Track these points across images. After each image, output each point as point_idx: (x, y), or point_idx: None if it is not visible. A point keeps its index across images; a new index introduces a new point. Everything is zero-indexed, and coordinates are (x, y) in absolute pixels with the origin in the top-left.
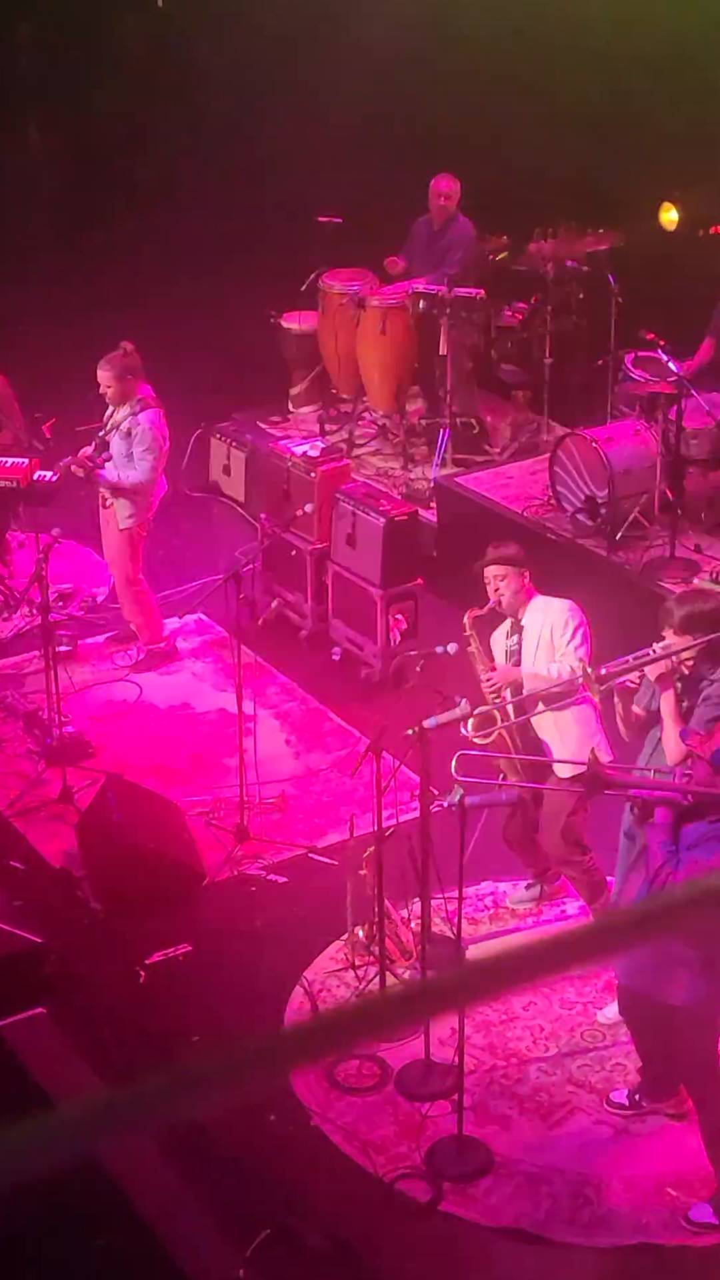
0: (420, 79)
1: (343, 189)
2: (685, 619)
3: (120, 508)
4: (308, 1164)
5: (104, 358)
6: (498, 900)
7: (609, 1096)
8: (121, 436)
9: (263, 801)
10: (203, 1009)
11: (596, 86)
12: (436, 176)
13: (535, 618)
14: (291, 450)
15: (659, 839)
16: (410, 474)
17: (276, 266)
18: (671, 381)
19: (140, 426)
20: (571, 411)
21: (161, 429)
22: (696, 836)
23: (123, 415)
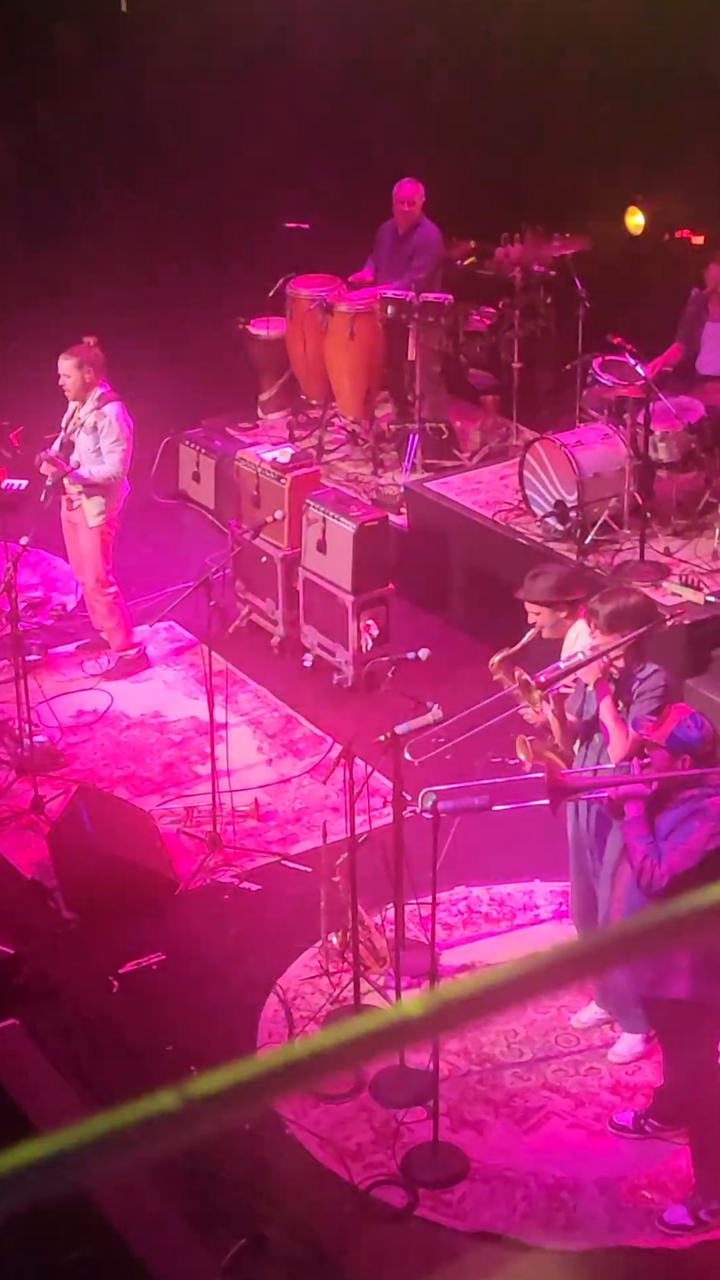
0: (386, 84)
1: (309, 195)
2: (610, 617)
3: (90, 506)
4: (283, 1172)
5: (66, 350)
6: (471, 905)
7: (613, 1119)
8: (87, 432)
9: (235, 809)
10: (176, 1018)
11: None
12: (400, 182)
13: (571, 636)
14: (261, 456)
15: (635, 833)
16: (380, 479)
17: (244, 273)
18: (639, 385)
19: (106, 419)
20: (540, 416)
21: (127, 420)
22: (670, 824)
23: (86, 411)
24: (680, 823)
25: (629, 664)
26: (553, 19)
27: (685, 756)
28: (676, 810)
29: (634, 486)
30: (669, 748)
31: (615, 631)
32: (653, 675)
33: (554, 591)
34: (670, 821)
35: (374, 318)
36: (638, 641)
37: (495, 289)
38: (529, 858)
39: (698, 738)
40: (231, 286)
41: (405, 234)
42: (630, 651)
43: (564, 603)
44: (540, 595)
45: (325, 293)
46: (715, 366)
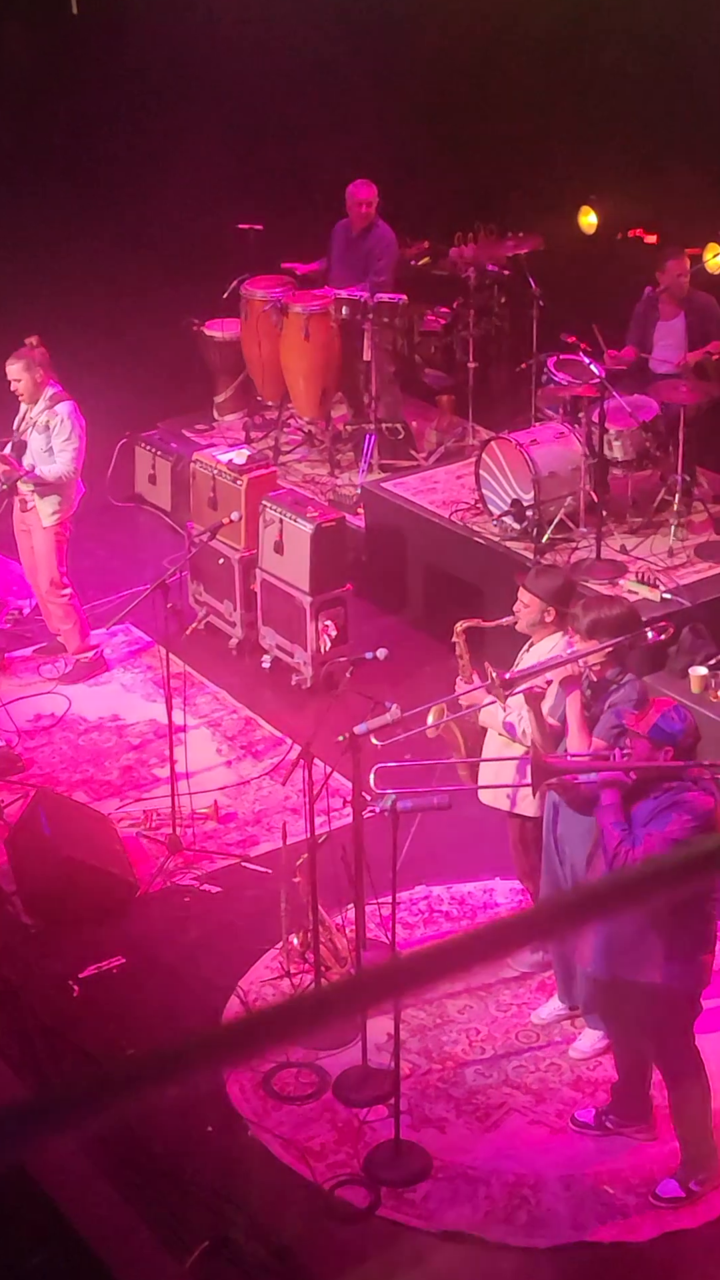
0: (338, 84)
1: (262, 195)
2: (591, 625)
3: (44, 506)
4: (246, 1174)
5: (11, 355)
6: (432, 904)
7: (574, 1116)
8: (39, 431)
9: (194, 811)
10: (137, 1021)
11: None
12: (354, 183)
13: (542, 650)
14: (217, 458)
15: (610, 820)
16: (337, 480)
17: (197, 274)
18: (594, 383)
19: (58, 418)
20: (496, 415)
21: (79, 419)
22: (648, 813)
23: (38, 410)
24: (658, 813)
25: (608, 671)
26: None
27: (667, 748)
28: (655, 801)
29: (590, 485)
30: (651, 738)
31: (594, 638)
32: (627, 687)
33: (554, 594)
34: (648, 811)
35: (329, 318)
36: (619, 651)
37: (449, 289)
38: (489, 856)
39: (680, 729)
40: (185, 288)
41: (360, 235)
42: (610, 659)
43: (556, 606)
44: (540, 590)
45: (280, 294)
46: (668, 365)
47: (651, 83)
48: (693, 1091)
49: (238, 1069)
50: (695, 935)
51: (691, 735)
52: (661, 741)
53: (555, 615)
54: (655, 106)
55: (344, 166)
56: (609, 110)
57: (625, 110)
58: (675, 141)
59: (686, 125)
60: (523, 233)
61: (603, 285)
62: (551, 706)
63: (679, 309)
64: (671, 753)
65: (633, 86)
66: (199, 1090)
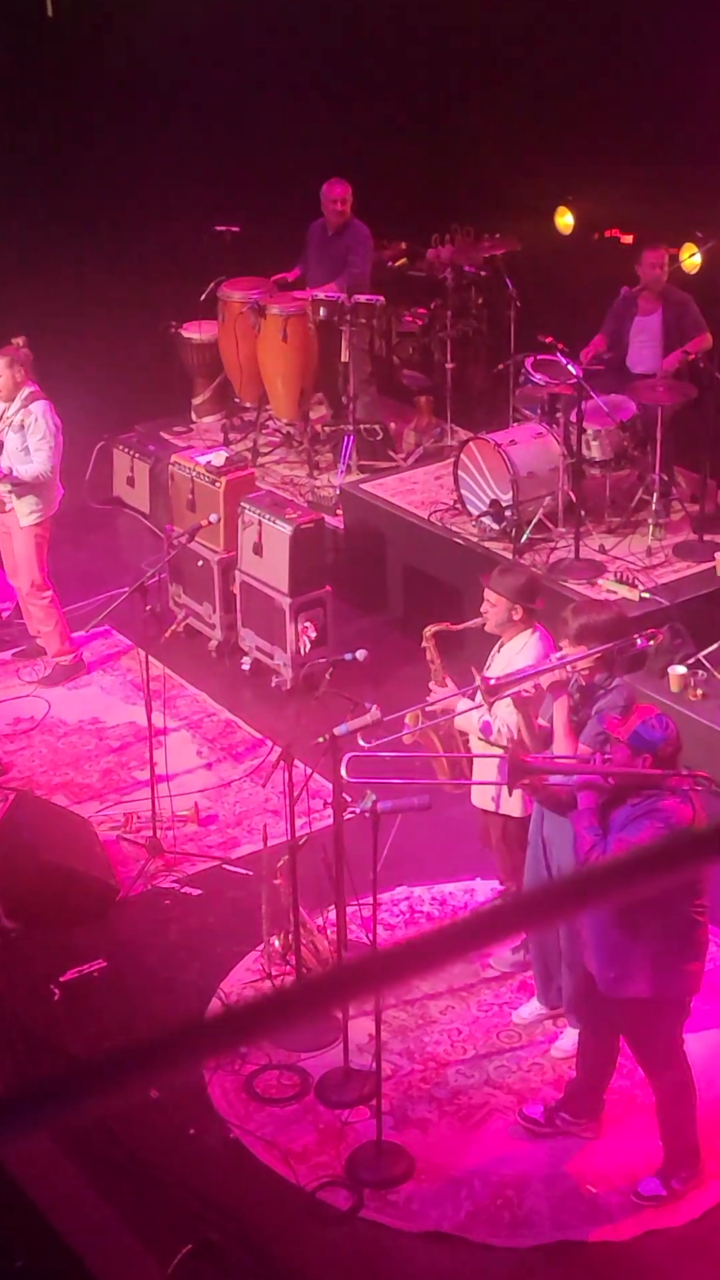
0: (314, 86)
1: (238, 197)
2: (580, 630)
3: (21, 506)
4: (229, 1177)
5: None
6: (413, 905)
7: (522, 1110)
8: (14, 431)
9: (175, 814)
10: (119, 1024)
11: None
12: (328, 182)
13: (511, 650)
14: (196, 460)
15: (585, 824)
16: (316, 481)
17: (174, 276)
18: (571, 384)
19: (32, 416)
20: (474, 415)
21: (54, 419)
22: (622, 819)
23: (13, 410)
24: (632, 820)
25: (596, 676)
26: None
27: (646, 755)
28: (630, 808)
29: (568, 485)
30: (631, 745)
31: (583, 644)
32: (614, 692)
33: (519, 591)
34: (622, 817)
35: (306, 320)
36: (608, 657)
37: (427, 290)
38: (469, 856)
39: (660, 738)
40: (162, 290)
41: (336, 233)
42: (599, 665)
43: (522, 604)
44: (504, 589)
45: (257, 295)
46: (645, 364)
47: (627, 83)
48: (677, 1091)
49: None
50: (682, 943)
51: (672, 744)
52: (640, 749)
53: (523, 613)
54: (631, 107)
55: (320, 168)
56: (585, 111)
57: (601, 110)
58: (651, 141)
59: (662, 125)
60: (499, 234)
61: (580, 285)
62: (542, 707)
63: (657, 304)
64: (650, 760)
65: (609, 86)
66: (181, 1093)
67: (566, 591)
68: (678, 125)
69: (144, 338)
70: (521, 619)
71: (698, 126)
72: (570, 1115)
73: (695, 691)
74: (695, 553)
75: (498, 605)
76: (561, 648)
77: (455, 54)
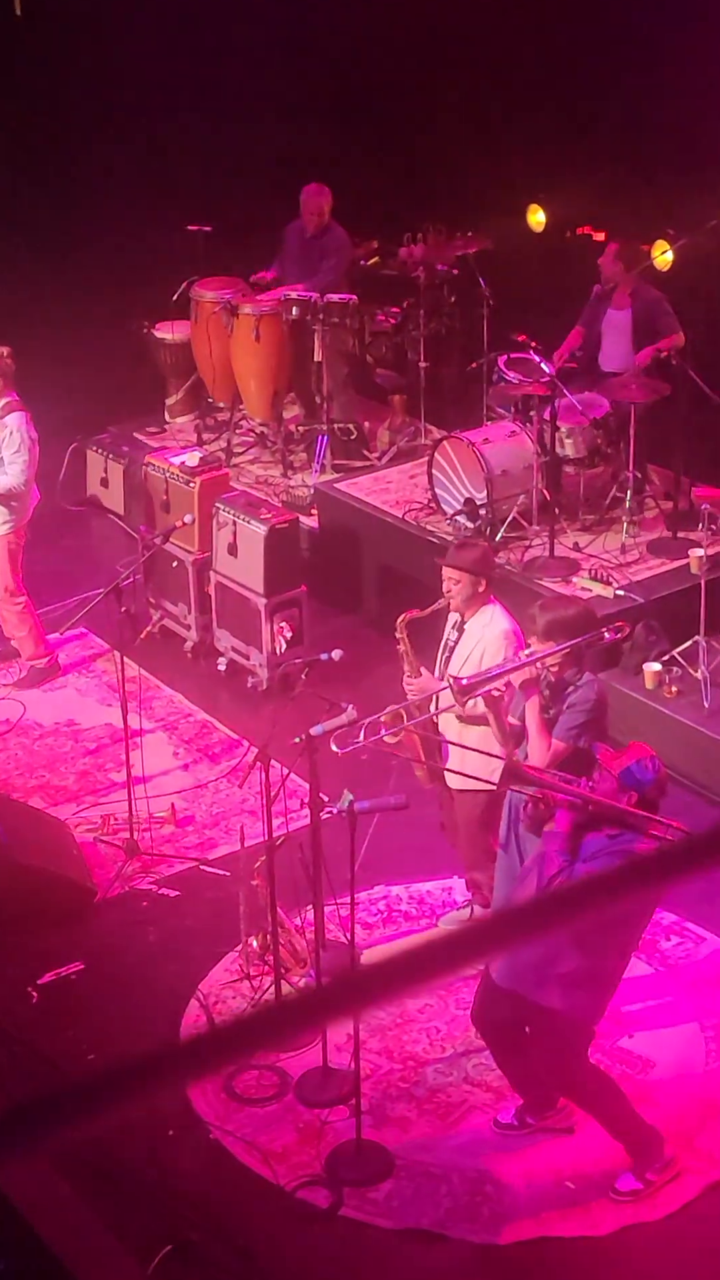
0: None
1: (211, 197)
2: (548, 626)
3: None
4: (208, 1177)
5: None
6: (391, 904)
7: (495, 1119)
8: None
9: (152, 815)
10: (97, 1027)
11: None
12: (308, 187)
13: (477, 626)
14: (169, 460)
15: (555, 846)
16: (290, 481)
17: (147, 277)
18: (545, 382)
19: (8, 429)
20: (448, 414)
21: (31, 430)
22: (594, 850)
23: None
24: (603, 853)
25: (565, 672)
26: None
27: (632, 793)
28: (604, 839)
29: (542, 483)
30: (620, 780)
31: (550, 639)
32: (585, 687)
33: (478, 563)
34: (594, 846)
35: (279, 319)
36: (577, 651)
37: (399, 289)
38: (447, 855)
39: (650, 779)
40: (134, 290)
41: (314, 236)
42: (568, 659)
43: (485, 575)
44: (465, 562)
45: (229, 295)
46: (615, 361)
47: (599, 80)
48: (603, 1103)
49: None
50: (606, 971)
51: (658, 789)
52: (629, 786)
53: (486, 584)
54: (602, 104)
55: (293, 167)
56: (557, 109)
57: (573, 108)
58: (622, 139)
59: (633, 122)
60: (472, 232)
61: (552, 283)
62: (513, 705)
63: (628, 301)
64: (635, 799)
65: (580, 84)
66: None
67: (541, 589)
68: (649, 123)
69: (116, 338)
70: (485, 591)
71: (669, 124)
72: (533, 1117)
73: (670, 689)
74: (669, 550)
75: (461, 581)
76: (530, 644)
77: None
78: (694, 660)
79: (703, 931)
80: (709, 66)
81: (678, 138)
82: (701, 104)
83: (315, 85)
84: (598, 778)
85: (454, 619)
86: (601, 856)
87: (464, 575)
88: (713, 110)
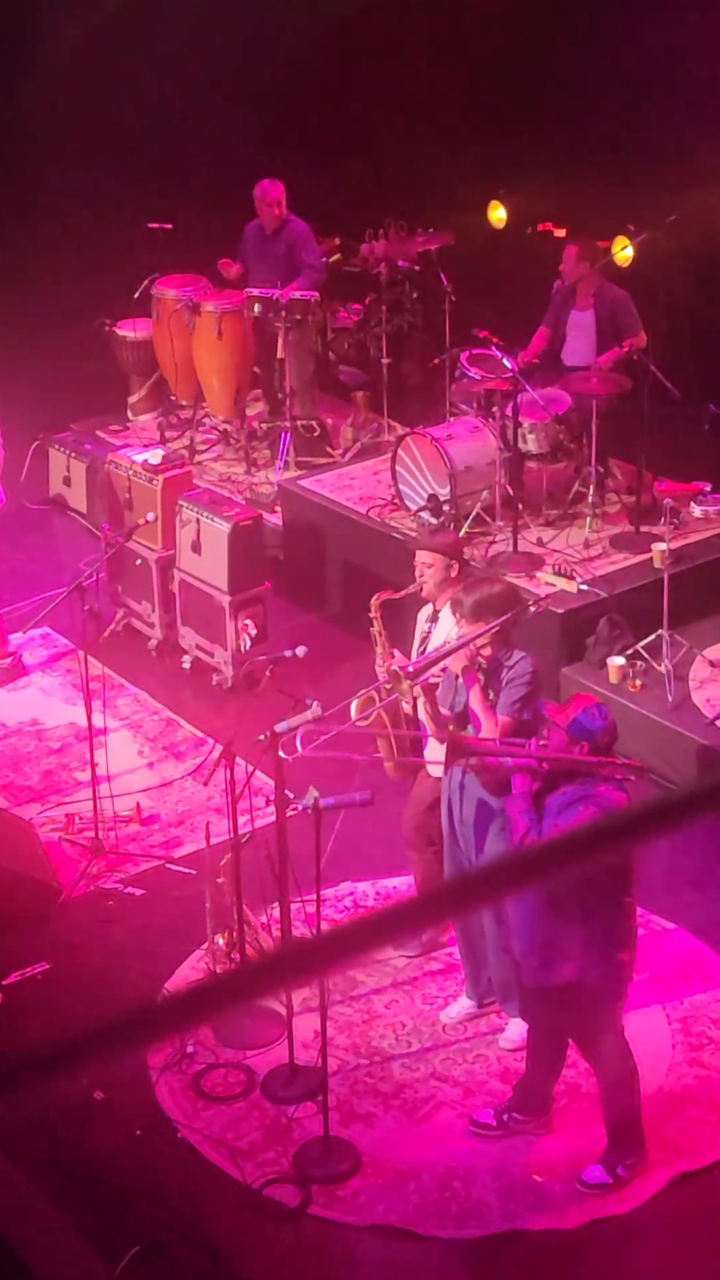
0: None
1: (171, 194)
2: (475, 606)
3: None
4: (176, 1176)
5: None
6: (357, 900)
7: (473, 1117)
8: None
9: (117, 814)
10: (64, 1027)
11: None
12: (261, 184)
13: (450, 616)
14: (132, 458)
15: (519, 808)
16: (253, 478)
17: (108, 274)
18: (507, 378)
19: None
20: (410, 410)
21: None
22: (557, 805)
23: None
24: (566, 805)
25: (496, 652)
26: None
27: (583, 743)
28: (565, 794)
29: (505, 478)
30: (570, 732)
31: (480, 620)
32: (520, 662)
33: (451, 546)
34: (557, 803)
35: (241, 316)
36: (504, 630)
37: (361, 285)
38: None
39: (599, 727)
40: (96, 288)
41: (274, 233)
42: (497, 639)
43: (457, 559)
44: (439, 545)
45: (191, 292)
46: (579, 357)
47: (559, 77)
48: (621, 1079)
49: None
50: (610, 930)
51: (609, 734)
52: (579, 736)
53: (458, 569)
54: (563, 100)
55: (253, 164)
56: (517, 105)
57: (533, 105)
58: (583, 135)
59: (593, 119)
60: (433, 228)
61: (513, 279)
62: (441, 694)
63: (591, 302)
64: (587, 748)
65: (541, 80)
66: (127, 1093)
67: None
68: (609, 119)
69: (78, 336)
70: (458, 575)
71: (629, 120)
72: (521, 1114)
73: (634, 682)
74: (632, 544)
75: (435, 564)
76: (459, 628)
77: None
78: (657, 654)
79: (666, 923)
80: (666, 63)
81: (637, 134)
82: (660, 100)
83: (276, 81)
84: (548, 733)
85: (427, 611)
86: (567, 808)
87: (436, 559)
88: (672, 106)
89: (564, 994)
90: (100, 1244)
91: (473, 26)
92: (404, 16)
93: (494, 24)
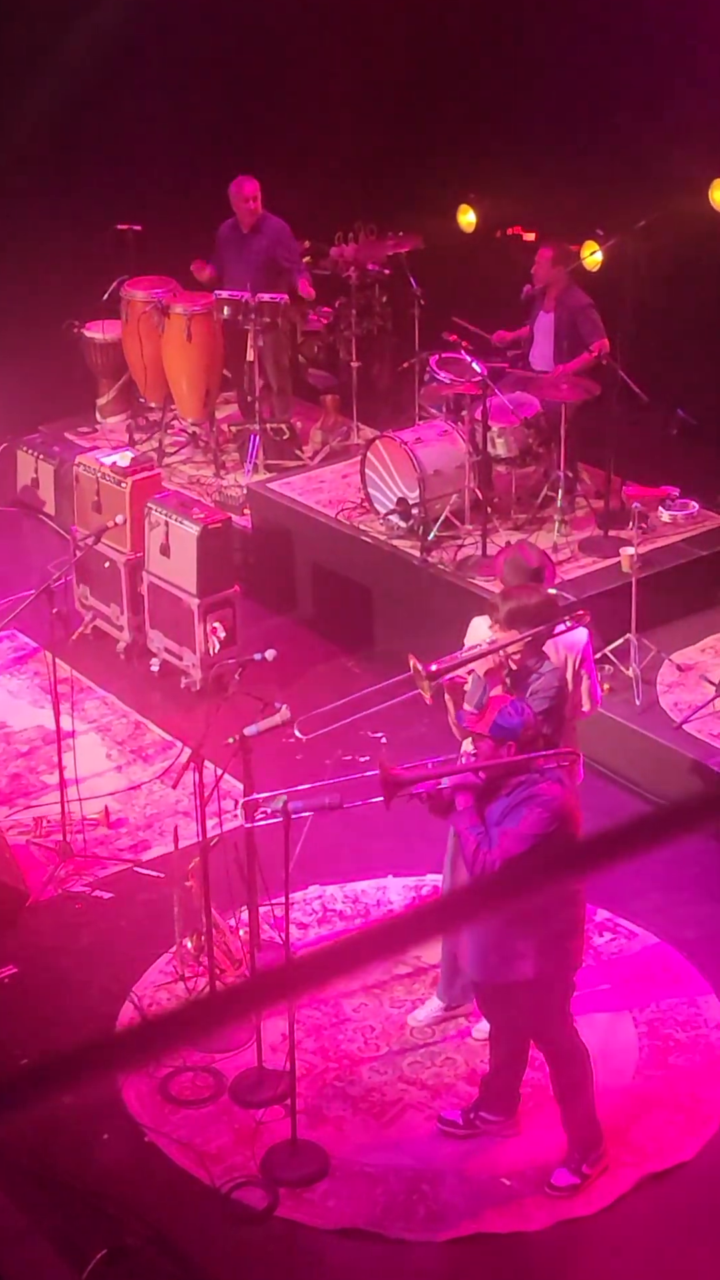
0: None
1: (140, 195)
2: (510, 614)
3: None
4: (144, 1181)
5: None
6: (325, 904)
7: (441, 1115)
8: None
9: (85, 817)
10: (32, 1030)
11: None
12: (236, 180)
13: (473, 631)
14: (101, 461)
15: (466, 824)
16: (222, 481)
17: (76, 276)
18: (476, 382)
19: None
20: (380, 414)
21: None
22: (500, 812)
23: None
24: (512, 809)
25: (527, 660)
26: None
27: (510, 744)
28: (508, 798)
29: (474, 482)
30: (493, 736)
31: (513, 628)
32: (548, 675)
33: (539, 612)
34: (502, 808)
35: (210, 319)
36: (537, 639)
37: (331, 289)
38: (381, 854)
39: (518, 723)
40: (64, 290)
41: (251, 231)
42: (530, 648)
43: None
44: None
45: (161, 294)
46: (546, 361)
47: (528, 80)
48: (576, 1073)
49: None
50: (560, 921)
51: (531, 728)
52: (503, 737)
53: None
54: (532, 104)
55: (223, 165)
56: (486, 108)
57: (502, 108)
58: (553, 139)
59: (563, 123)
60: (402, 232)
61: (483, 283)
62: (470, 693)
63: (553, 305)
64: (514, 748)
65: (510, 84)
66: (94, 1097)
67: (474, 589)
68: (579, 123)
69: (46, 338)
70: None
71: (599, 124)
72: (488, 1114)
73: (603, 686)
74: (600, 548)
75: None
76: (493, 633)
77: (356, 52)
78: (625, 658)
79: (634, 927)
80: (637, 68)
81: (607, 138)
82: (631, 105)
83: (247, 84)
84: (476, 744)
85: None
86: (512, 812)
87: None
88: (642, 111)
89: (521, 991)
90: (67, 1248)
91: (441, 30)
92: (376, 21)
93: (463, 27)
